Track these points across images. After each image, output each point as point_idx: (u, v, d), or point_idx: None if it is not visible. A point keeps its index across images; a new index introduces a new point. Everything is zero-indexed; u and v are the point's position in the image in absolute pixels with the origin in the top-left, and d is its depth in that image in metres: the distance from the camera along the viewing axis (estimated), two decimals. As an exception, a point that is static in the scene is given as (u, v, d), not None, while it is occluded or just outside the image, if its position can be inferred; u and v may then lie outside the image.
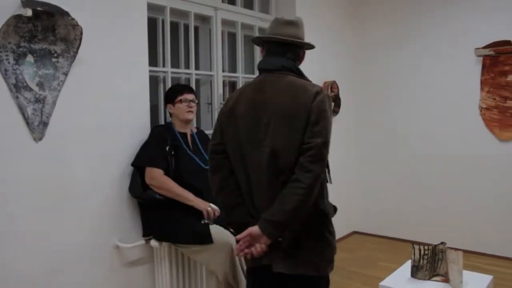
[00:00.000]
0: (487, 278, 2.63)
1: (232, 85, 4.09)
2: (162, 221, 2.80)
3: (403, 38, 4.87)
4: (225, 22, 3.86)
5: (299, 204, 1.81)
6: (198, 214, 2.75)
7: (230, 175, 2.01)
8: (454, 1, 4.52)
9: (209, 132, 3.56)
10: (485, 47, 4.30)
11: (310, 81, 2.00)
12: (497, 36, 4.23)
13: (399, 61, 4.89)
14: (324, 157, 1.86)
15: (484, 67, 4.36)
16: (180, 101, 2.94)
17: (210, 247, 2.68)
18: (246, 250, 1.89)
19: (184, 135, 2.97)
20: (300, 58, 2.06)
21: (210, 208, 2.75)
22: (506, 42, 4.18)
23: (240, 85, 3.97)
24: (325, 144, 1.85)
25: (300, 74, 2.00)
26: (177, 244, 2.84)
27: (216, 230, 2.73)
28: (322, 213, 1.96)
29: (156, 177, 2.75)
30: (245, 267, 2.69)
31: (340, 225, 5.17)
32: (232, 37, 4.06)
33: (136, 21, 2.94)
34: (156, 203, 2.78)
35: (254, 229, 1.86)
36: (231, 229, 2.06)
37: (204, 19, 3.80)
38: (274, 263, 1.90)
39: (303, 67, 2.07)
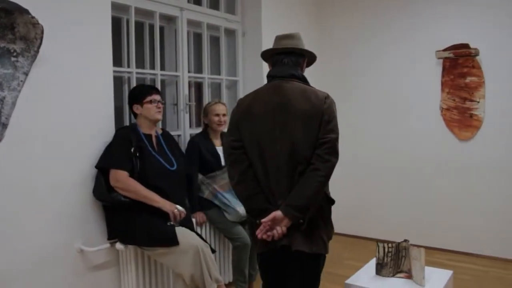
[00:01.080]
0: (448, 273, 2.71)
1: (198, 86, 4.07)
2: (127, 223, 2.75)
3: (366, 40, 4.96)
4: (190, 23, 3.83)
5: (319, 189, 2.14)
6: (164, 216, 2.72)
7: (248, 168, 2.22)
8: (414, 5, 4.64)
9: (174, 133, 3.54)
10: (445, 50, 4.43)
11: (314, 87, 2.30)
12: (456, 39, 4.37)
13: (362, 62, 4.98)
14: (337, 149, 2.21)
15: (444, 69, 4.49)
16: (150, 101, 2.91)
17: (176, 249, 2.66)
18: (268, 233, 2.11)
19: (149, 136, 2.93)
20: (300, 65, 2.35)
21: (176, 210, 2.73)
22: (464, 45, 4.32)
23: (206, 86, 3.97)
24: (337, 139, 2.21)
25: (305, 81, 2.31)
26: (142, 247, 2.80)
27: (182, 232, 2.72)
28: (329, 199, 2.32)
29: (121, 179, 2.70)
30: (212, 269, 2.69)
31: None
32: (198, 37, 4.04)
33: (99, 20, 2.88)
34: (121, 206, 2.73)
35: (278, 213, 2.11)
36: (253, 219, 2.24)
37: (169, 19, 3.76)
38: (294, 243, 2.14)
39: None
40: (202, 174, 3.40)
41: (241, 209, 3.34)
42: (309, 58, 2.42)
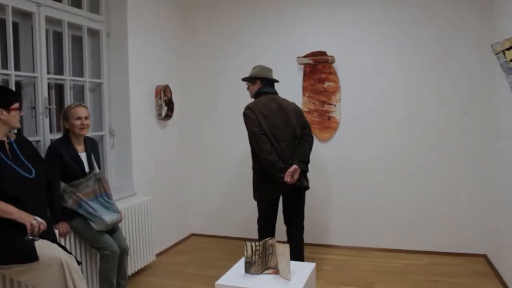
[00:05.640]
0: (311, 266, 2.90)
1: (59, 88, 3.81)
2: (-23, 240, 2.48)
3: (233, 45, 5.10)
4: (49, 20, 3.58)
5: (310, 151, 3.76)
6: (21, 229, 2.51)
7: (272, 146, 3.59)
8: (278, 12, 4.90)
9: (32, 139, 3.29)
10: (305, 56, 4.74)
11: None
12: (315, 47, 4.72)
13: (229, 67, 5.11)
14: (311, 130, 3.87)
15: (305, 74, 4.80)
16: (16, 109, 2.71)
17: (36, 265, 2.48)
18: (292, 179, 3.55)
19: (1, 143, 2.67)
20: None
21: (35, 221, 2.53)
22: (322, 53, 4.67)
23: (68, 88, 3.75)
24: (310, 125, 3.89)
25: (278, 94, 3.88)
26: (-4, 265, 2.55)
27: (43, 245, 2.54)
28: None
29: (-31, 191, 2.42)
30: (78, 282, 2.55)
31: (178, 228, 5.20)
32: (58, 36, 3.78)
33: None
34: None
35: (295, 166, 3.58)
36: (278, 174, 3.56)
37: (25, 15, 3.46)
38: (303, 182, 3.70)
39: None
40: (64, 182, 3.20)
41: (107, 218, 3.22)
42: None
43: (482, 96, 4.28)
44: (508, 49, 3.09)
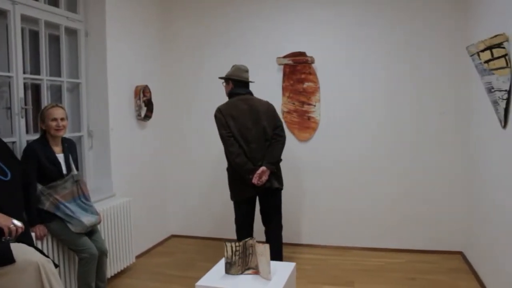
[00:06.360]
0: (291, 265, 2.91)
1: (36, 88, 3.75)
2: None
3: (213, 45, 5.09)
4: (25, 19, 3.52)
5: (281, 152, 3.74)
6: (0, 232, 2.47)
7: (239, 147, 3.62)
8: (258, 13, 4.91)
9: (8, 140, 3.23)
10: (285, 57, 4.75)
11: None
12: (295, 48, 4.74)
13: (208, 67, 5.09)
14: (284, 130, 3.81)
15: (284, 74, 4.81)
16: None
17: (12, 268, 2.42)
18: (260, 180, 3.57)
19: (-25, 146, 2.62)
20: (249, 85, 3.89)
21: (12, 224, 2.48)
22: (301, 53, 4.69)
23: (45, 88, 3.70)
24: (282, 124, 3.86)
25: (252, 94, 3.85)
26: (-30, 269, 2.49)
27: (19, 248, 2.49)
28: (281, 159, 3.79)
29: None
30: (55, 286, 2.52)
31: (158, 229, 5.17)
32: (35, 35, 3.72)
33: None
34: None
35: (263, 168, 3.59)
36: (247, 176, 3.58)
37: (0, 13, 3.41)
38: (273, 184, 3.69)
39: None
40: (41, 184, 3.15)
41: (85, 220, 3.18)
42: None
43: (459, 97, 4.36)
44: (482, 50, 3.15)
